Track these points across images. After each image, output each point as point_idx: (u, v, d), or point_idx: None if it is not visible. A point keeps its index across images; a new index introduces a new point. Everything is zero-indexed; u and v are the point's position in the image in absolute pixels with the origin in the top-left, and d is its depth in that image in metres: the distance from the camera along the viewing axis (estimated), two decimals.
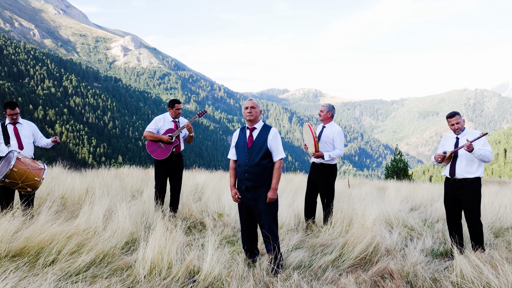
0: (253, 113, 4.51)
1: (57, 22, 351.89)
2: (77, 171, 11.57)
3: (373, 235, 5.22)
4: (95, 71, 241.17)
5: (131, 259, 4.32)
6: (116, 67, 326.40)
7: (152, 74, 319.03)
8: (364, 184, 12.74)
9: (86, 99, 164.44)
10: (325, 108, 6.48)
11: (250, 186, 4.46)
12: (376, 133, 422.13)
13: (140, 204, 6.57)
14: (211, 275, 4.01)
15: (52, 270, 3.81)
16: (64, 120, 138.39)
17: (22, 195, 5.97)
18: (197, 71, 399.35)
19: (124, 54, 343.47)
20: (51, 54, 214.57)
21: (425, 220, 7.41)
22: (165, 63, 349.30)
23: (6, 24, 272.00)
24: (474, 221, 5.30)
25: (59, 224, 4.79)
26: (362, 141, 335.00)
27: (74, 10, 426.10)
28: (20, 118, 6.19)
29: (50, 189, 7.50)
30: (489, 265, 4.48)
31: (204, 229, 6.11)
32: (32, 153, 6.23)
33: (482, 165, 5.27)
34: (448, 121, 5.38)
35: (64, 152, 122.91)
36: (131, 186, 8.77)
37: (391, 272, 4.40)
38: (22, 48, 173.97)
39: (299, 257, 4.86)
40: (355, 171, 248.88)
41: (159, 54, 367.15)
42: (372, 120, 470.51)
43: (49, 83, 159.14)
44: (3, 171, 5.41)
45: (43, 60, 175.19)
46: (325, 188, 6.33)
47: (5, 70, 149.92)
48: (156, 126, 6.70)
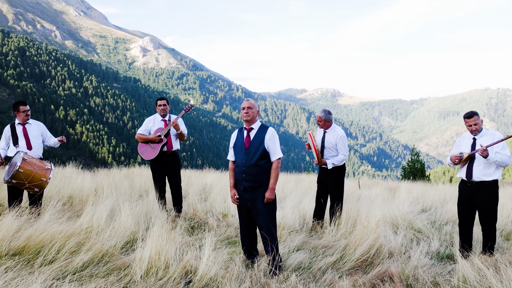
0: (249, 114, 4.49)
1: (77, 24, 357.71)
2: (90, 171, 11.70)
3: (376, 237, 5.14)
4: (115, 72, 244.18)
5: (129, 259, 4.34)
6: (135, 68, 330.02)
7: (170, 74, 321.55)
8: (376, 185, 12.57)
9: (106, 99, 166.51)
10: (322, 118, 6.30)
11: (248, 187, 4.44)
12: (395, 133, 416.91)
13: (145, 204, 6.60)
14: (207, 276, 4.00)
15: (49, 270, 3.85)
16: (84, 120, 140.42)
17: (30, 194, 6.06)
18: (215, 71, 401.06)
19: (143, 55, 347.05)
20: (72, 55, 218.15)
21: (434, 222, 7.27)
22: (183, 63, 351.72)
23: (29, 26, 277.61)
24: (489, 225, 5.10)
25: (60, 223, 4.84)
26: (381, 141, 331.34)
27: (94, 12, 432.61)
28: (29, 118, 6.29)
29: (59, 188, 7.60)
30: (494, 269, 4.38)
31: (208, 229, 6.11)
32: (41, 153, 6.31)
33: (500, 167, 5.09)
34: (465, 121, 5.14)
35: (84, 152, 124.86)
36: (140, 186, 8.84)
37: (391, 275, 4.33)
38: (44, 49, 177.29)
39: (299, 259, 4.81)
40: (374, 172, 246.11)
41: (177, 54, 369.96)
42: (391, 120, 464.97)
43: (70, 84, 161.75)
44: (10, 172, 5.50)
45: (64, 61, 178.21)
46: (335, 189, 6.29)
47: (28, 71, 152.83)
48: (147, 127, 6.73)
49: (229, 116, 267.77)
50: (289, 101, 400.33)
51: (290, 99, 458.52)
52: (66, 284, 3.63)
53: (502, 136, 5.06)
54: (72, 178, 8.56)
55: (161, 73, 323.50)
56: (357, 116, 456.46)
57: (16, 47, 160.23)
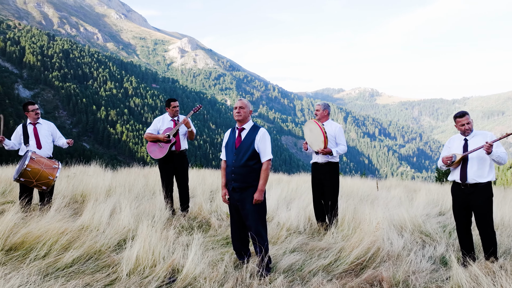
0: (241, 113, 4.48)
1: (118, 26, 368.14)
2: (113, 170, 12.01)
3: (374, 240, 5.01)
4: (154, 73, 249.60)
5: (120, 257, 4.42)
6: (173, 69, 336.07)
7: (207, 75, 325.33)
8: (397, 186, 12.24)
9: (145, 99, 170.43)
10: (321, 107, 6.42)
11: (237, 187, 4.43)
12: (436, 134, 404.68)
13: (150, 203, 6.71)
14: (191, 275, 4.02)
15: (37, 265, 3.98)
16: (124, 120, 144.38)
17: (40, 192, 6.29)
18: (251, 71, 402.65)
19: (181, 56, 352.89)
20: (113, 57, 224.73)
21: (446, 226, 7.01)
22: (220, 63, 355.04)
23: (73, 29, 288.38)
24: (487, 228, 4.92)
25: (58, 220, 4.99)
26: (420, 142, 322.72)
27: (134, 14, 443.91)
28: (40, 118, 6.53)
29: (74, 186, 7.85)
30: (494, 275, 4.18)
31: (209, 229, 6.14)
32: (51, 152, 6.54)
33: (493, 168, 4.90)
34: (457, 121, 5.00)
35: (124, 151, 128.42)
36: (154, 184, 8.98)
37: (382, 280, 4.20)
38: (87, 51, 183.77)
39: (293, 260, 4.75)
40: (413, 173, 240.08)
41: (214, 55, 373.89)
42: (432, 120, 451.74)
43: (111, 85, 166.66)
44: (18, 170, 5.74)
45: (105, 63, 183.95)
46: (332, 187, 6.20)
47: (71, 72, 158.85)
48: (156, 127, 6.82)
49: (266, 116, 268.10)
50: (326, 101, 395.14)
51: (327, 99, 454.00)
52: (52, 279, 3.75)
53: (494, 135, 4.87)
54: (87, 177, 8.80)
55: (198, 73, 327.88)
56: (396, 116, 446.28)
57: (60, 50, 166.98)
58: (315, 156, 6.36)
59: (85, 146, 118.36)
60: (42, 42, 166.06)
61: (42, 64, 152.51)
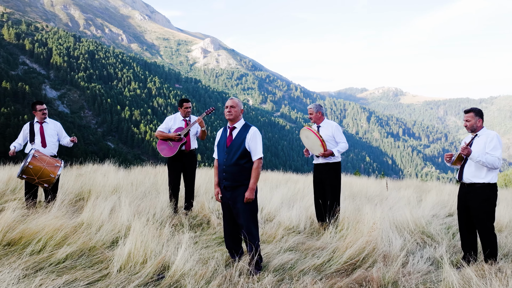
0: (232, 112, 4.51)
1: (142, 27, 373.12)
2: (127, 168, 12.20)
3: (368, 240, 4.97)
4: (177, 73, 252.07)
5: (113, 254, 4.50)
6: (196, 69, 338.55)
7: (230, 75, 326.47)
8: (408, 187, 12.05)
9: (168, 99, 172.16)
10: (313, 110, 6.35)
11: (228, 186, 4.47)
12: (461, 134, 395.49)
13: (153, 200, 6.80)
14: (179, 272, 4.07)
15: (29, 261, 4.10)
16: (148, 119, 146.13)
17: (45, 190, 6.47)
18: (274, 71, 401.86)
19: (203, 56, 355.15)
20: (137, 57, 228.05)
21: (451, 227, 6.88)
22: (243, 63, 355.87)
23: (98, 30, 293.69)
24: (484, 230, 4.83)
25: (57, 217, 5.12)
26: (446, 142, 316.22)
27: (158, 15, 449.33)
28: (47, 118, 6.71)
29: (83, 184, 8.02)
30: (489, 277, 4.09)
31: (208, 227, 6.19)
32: (55, 151, 6.72)
33: (494, 170, 4.78)
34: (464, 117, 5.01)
35: (147, 150, 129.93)
36: (161, 183, 9.09)
37: (371, 280, 4.17)
38: (111, 52, 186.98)
39: (286, 259, 4.76)
40: (438, 174, 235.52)
41: (237, 55, 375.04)
42: (458, 120, 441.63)
43: (135, 85, 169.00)
44: (21, 168, 5.92)
45: (129, 64, 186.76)
46: (333, 187, 6.17)
47: (97, 73, 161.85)
48: (167, 126, 6.90)
49: (288, 116, 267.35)
50: (349, 100, 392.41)
51: (350, 99, 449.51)
52: (43, 274, 3.86)
53: (497, 137, 4.76)
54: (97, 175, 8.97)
55: (221, 73, 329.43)
56: (421, 115, 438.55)
57: (86, 51, 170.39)
58: (316, 158, 6.36)
59: (110, 145, 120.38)
60: (69, 43, 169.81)
61: (68, 65, 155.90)
